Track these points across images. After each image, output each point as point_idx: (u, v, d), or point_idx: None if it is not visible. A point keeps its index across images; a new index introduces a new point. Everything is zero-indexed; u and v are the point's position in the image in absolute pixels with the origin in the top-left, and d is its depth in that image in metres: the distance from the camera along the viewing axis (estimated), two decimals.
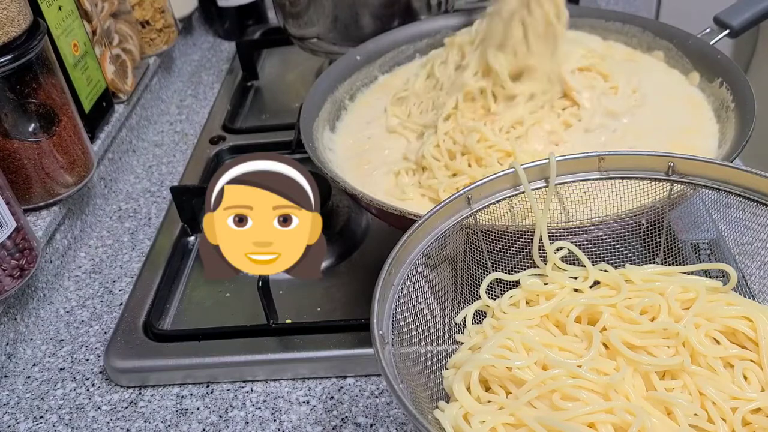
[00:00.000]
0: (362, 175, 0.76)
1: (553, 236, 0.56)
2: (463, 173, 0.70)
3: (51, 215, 0.79)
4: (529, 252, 0.57)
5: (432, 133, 0.75)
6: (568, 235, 0.57)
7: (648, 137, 0.71)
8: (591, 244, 0.58)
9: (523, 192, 0.56)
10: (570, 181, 0.57)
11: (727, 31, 0.77)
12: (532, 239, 0.57)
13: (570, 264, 0.56)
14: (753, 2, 0.77)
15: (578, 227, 0.57)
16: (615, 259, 0.58)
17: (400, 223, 0.62)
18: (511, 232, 0.57)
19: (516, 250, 0.58)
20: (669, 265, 0.57)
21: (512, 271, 0.57)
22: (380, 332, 0.47)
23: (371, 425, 0.62)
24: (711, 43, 0.76)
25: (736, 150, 0.62)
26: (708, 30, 0.77)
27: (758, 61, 1.54)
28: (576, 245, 0.56)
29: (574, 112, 0.73)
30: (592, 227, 0.57)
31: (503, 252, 0.58)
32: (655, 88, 0.77)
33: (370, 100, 0.88)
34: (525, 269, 0.57)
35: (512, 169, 0.56)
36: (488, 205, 0.56)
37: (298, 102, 0.83)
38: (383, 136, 0.81)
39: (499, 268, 0.57)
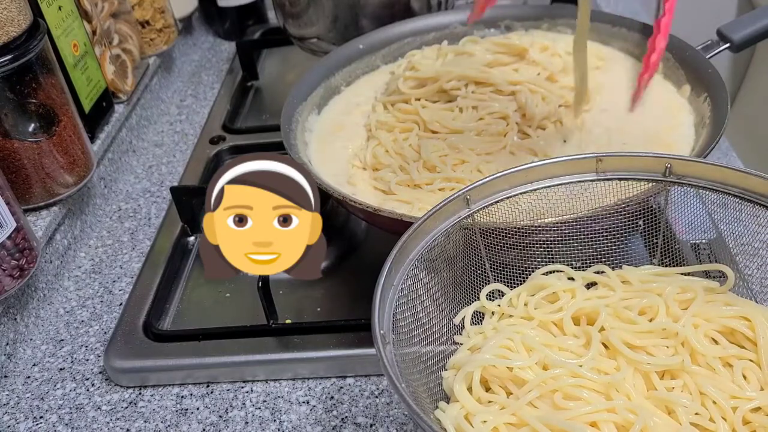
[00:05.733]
0: (323, 150, 0.77)
1: (549, 228, 0.57)
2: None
3: (51, 215, 0.79)
4: (528, 251, 0.57)
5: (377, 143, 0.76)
6: (562, 227, 0.57)
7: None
8: (589, 244, 0.58)
9: (521, 192, 0.57)
10: (568, 182, 0.57)
11: (728, 45, 0.75)
12: (530, 239, 0.57)
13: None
14: (757, 18, 0.76)
15: (572, 219, 0.57)
16: (613, 261, 0.58)
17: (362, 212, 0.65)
18: (509, 233, 0.57)
19: (514, 251, 0.58)
20: (667, 266, 0.57)
21: (511, 270, 0.58)
22: (381, 332, 0.47)
23: (371, 425, 0.62)
24: (710, 56, 0.74)
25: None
26: (709, 42, 0.76)
27: (754, 72, 1.54)
28: (576, 244, 0.57)
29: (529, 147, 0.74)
30: (585, 219, 0.57)
31: (501, 252, 0.58)
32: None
33: (367, 85, 0.87)
34: (523, 269, 0.57)
35: (512, 170, 0.56)
36: (486, 206, 0.56)
37: None
38: (362, 121, 0.81)
39: (497, 269, 0.58)
